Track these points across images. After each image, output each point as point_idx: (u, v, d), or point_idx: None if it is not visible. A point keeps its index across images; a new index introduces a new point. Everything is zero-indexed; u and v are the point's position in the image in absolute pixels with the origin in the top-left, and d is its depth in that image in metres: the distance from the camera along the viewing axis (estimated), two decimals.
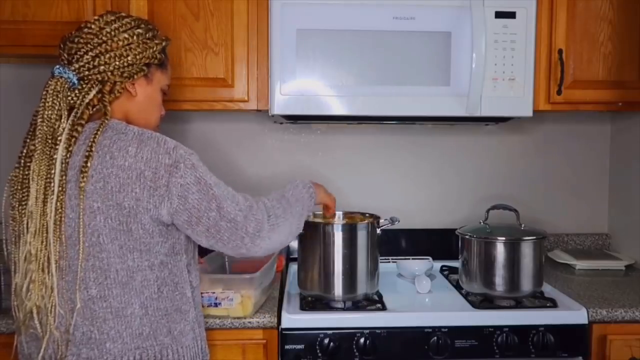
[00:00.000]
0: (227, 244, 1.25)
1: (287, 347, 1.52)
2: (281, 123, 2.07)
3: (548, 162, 2.22)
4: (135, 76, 1.27)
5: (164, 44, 1.33)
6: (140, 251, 1.17)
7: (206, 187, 1.21)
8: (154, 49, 1.30)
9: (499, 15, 1.71)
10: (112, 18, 1.25)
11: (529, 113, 1.76)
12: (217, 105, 1.80)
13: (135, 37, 1.26)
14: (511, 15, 1.72)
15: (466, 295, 1.72)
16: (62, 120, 1.17)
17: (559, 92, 1.79)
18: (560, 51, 1.79)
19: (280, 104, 1.70)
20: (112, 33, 1.23)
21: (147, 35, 1.29)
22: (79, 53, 1.22)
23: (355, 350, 1.52)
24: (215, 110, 1.90)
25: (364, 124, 2.11)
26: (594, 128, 2.22)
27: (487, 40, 1.67)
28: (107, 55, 1.22)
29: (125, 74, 1.24)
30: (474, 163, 2.20)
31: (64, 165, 1.14)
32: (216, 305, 1.53)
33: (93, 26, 1.24)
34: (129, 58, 1.24)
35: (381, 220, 1.69)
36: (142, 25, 1.29)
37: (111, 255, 1.15)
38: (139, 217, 1.15)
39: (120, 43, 1.23)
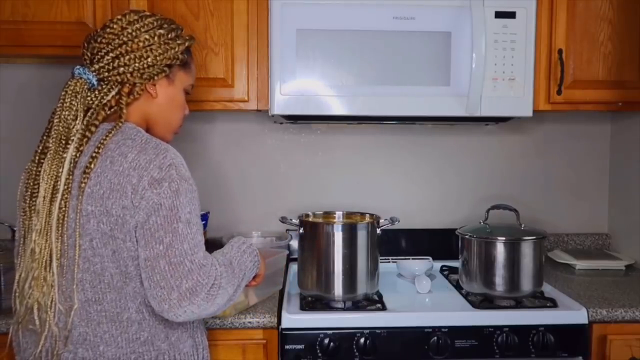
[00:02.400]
0: (154, 287, 1.11)
1: (287, 347, 1.52)
2: (281, 123, 2.07)
3: (548, 162, 2.22)
4: (156, 77, 1.25)
5: (187, 44, 1.31)
6: (133, 258, 1.14)
7: (173, 219, 1.12)
8: (176, 49, 1.27)
9: (499, 15, 1.71)
10: (135, 17, 1.24)
11: (529, 113, 1.76)
12: (217, 105, 1.80)
13: (156, 38, 1.24)
14: (511, 15, 1.72)
15: (466, 295, 1.72)
16: (78, 121, 1.17)
17: (559, 92, 1.79)
18: (560, 51, 1.79)
19: (280, 104, 1.70)
20: (134, 34, 1.22)
21: (169, 35, 1.26)
22: (100, 53, 1.21)
23: (355, 350, 1.52)
24: (215, 110, 1.90)
25: (364, 124, 2.11)
26: (594, 128, 2.22)
27: (487, 40, 1.67)
28: (127, 57, 1.21)
29: (145, 76, 1.23)
30: (474, 163, 2.20)
31: (72, 164, 1.14)
32: None
33: (115, 26, 1.22)
34: (149, 59, 1.22)
35: (381, 220, 1.69)
36: (165, 26, 1.27)
37: (105, 260, 1.14)
38: (126, 226, 1.12)
39: (141, 44, 1.22)
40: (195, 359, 1.26)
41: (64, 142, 1.15)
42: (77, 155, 1.15)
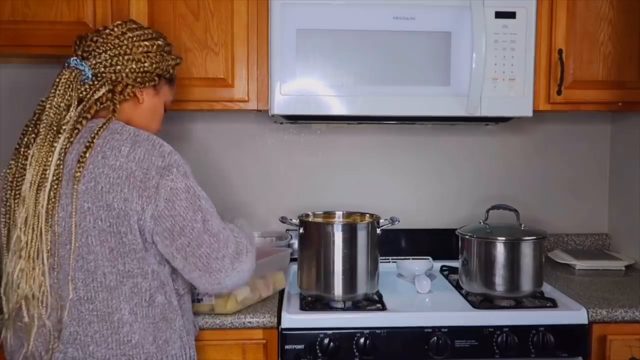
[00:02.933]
0: (208, 262, 1.17)
1: (287, 347, 1.52)
2: (281, 123, 2.07)
3: (548, 162, 2.22)
4: (147, 84, 1.30)
5: (178, 61, 1.40)
6: (132, 258, 1.16)
7: (195, 197, 1.18)
8: (169, 62, 1.35)
9: (499, 15, 1.71)
10: (135, 26, 1.30)
11: (529, 113, 1.76)
12: (217, 105, 1.80)
13: (154, 47, 1.31)
14: (511, 15, 1.72)
15: (466, 295, 1.72)
16: (71, 110, 1.18)
17: (559, 92, 1.79)
18: (560, 51, 1.79)
19: (280, 104, 1.70)
20: (134, 39, 1.27)
21: (166, 48, 1.35)
22: (97, 51, 1.24)
23: (355, 350, 1.52)
24: (215, 111, 1.90)
25: (364, 124, 2.11)
26: (594, 128, 2.22)
27: (487, 40, 1.67)
28: (126, 58, 1.25)
29: (138, 79, 1.28)
30: (474, 163, 2.20)
31: (62, 155, 1.15)
32: (198, 301, 1.52)
33: (116, 29, 1.28)
34: (146, 64, 1.28)
35: (381, 220, 1.69)
36: (162, 39, 1.34)
37: (99, 257, 1.15)
38: (127, 219, 1.14)
39: (140, 49, 1.28)
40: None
41: (55, 129, 1.16)
42: (68, 146, 1.16)
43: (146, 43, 1.29)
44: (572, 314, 1.58)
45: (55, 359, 1.16)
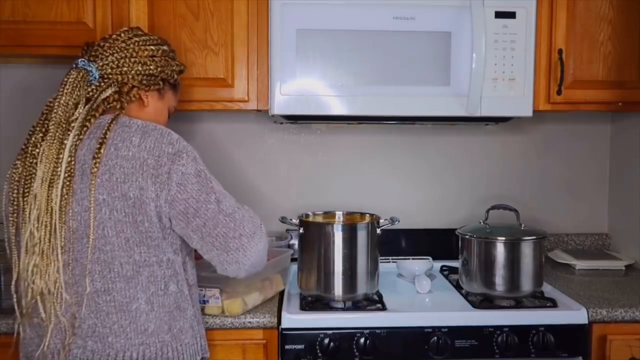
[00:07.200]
0: (225, 242, 1.20)
1: (287, 347, 1.52)
2: (281, 123, 2.07)
3: (548, 162, 2.22)
4: (152, 87, 1.33)
5: (182, 67, 1.43)
6: (148, 246, 1.18)
7: (206, 180, 1.22)
8: (173, 68, 1.38)
9: (499, 15, 1.71)
10: (140, 33, 1.34)
11: (529, 113, 1.76)
12: (217, 105, 1.80)
13: (160, 52, 1.34)
14: (511, 15, 1.72)
15: (466, 295, 1.72)
16: (79, 107, 1.21)
17: (559, 92, 1.79)
18: (560, 51, 1.79)
19: (280, 104, 1.71)
20: (140, 43, 1.31)
21: (170, 54, 1.38)
22: (104, 54, 1.28)
23: (355, 350, 1.52)
24: (215, 110, 1.90)
25: (363, 124, 2.11)
26: (594, 128, 2.22)
27: (487, 40, 1.67)
28: (132, 60, 1.29)
29: (143, 82, 1.31)
30: (474, 163, 2.20)
31: (73, 151, 1.17)
32: (204, 302, 1.53)
33: (122, 35, 1.32)
34: (151, 67, 1.31)
35: (381, 220, 1.69)
36: (167, 45, 1.38)
37: (115, 248, 1.16)
38: (144, 207, 1.16)
39: (146, 53, 1.31)
40: (195, 349, 1.28)
41: (64, 126, 1.18)
42: (77, 142, 1.18)
43: (152, 47, 1.32)
44: (572, 314, 1.59)
45: (74, 354, 1.17)
